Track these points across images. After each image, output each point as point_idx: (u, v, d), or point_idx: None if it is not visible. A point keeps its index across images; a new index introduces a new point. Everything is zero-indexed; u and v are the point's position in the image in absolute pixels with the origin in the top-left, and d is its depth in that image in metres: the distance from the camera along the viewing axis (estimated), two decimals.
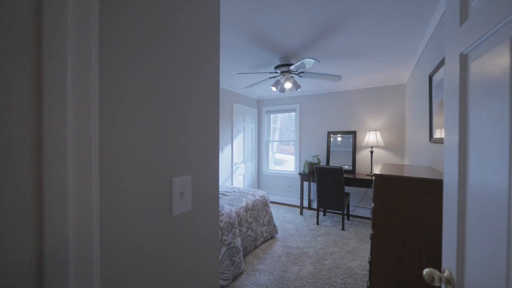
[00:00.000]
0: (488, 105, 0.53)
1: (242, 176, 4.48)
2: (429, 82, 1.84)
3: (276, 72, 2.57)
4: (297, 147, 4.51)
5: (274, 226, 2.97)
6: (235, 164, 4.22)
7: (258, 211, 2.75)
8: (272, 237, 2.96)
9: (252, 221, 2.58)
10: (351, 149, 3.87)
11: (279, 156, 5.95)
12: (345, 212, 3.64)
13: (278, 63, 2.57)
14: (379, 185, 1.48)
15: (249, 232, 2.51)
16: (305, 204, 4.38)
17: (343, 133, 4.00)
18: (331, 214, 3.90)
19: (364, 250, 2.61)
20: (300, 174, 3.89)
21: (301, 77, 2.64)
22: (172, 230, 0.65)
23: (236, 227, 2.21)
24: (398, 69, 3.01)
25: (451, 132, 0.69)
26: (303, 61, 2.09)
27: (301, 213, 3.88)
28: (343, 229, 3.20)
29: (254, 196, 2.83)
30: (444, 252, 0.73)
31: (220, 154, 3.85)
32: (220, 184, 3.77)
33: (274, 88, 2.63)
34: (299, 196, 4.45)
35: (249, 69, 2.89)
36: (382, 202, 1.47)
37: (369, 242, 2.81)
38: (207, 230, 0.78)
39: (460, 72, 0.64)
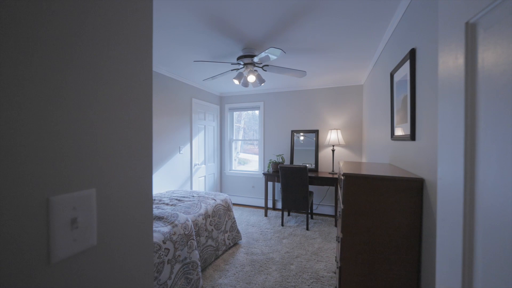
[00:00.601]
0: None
1: (203, 178, 4.13)
2: (390, 80, 1.85)
3: (238, 64, 2.35)
4: (261, 146, 4.37)
5: (238, 231, 2.75)
6: (195, 165, 3.86)
7: (220, 217, 2.49)
8: (235, 244, 2.73)
9: (212, 229, 2.31)
10: (314, 148, 3.90)
11: (243, 155, 5.77)
12: (309, 211, 3.63)
13: (241, 53, 2.35)
14: (349, 185, 1.38)
15: (209, 242, 2.24)
16: (270, 204, 4.27)
17: (306, 132, 4.01)
18: (295, 213, 3.86)
19: (328, 250, 2.58)
20: (264, 174, 3.75)
21: (265, 70, 2.47)
22: None
23: (193, 239, 1.92)
24: (357, 69, 3.09)
25: (451, 126, 0.56)
26: (268, 51, 1.92)
27: (266, 215, 3.75)
28: (307, 229, 3.15)
29: (215, 200, 2.55)
30: (440, 277, 0.60)
31: (178, 155, 3.46)
32: (177, 187, 3.38)
33: (236, 81, 2.40)
34: (263, 196, 4.33)
35: (209, 59, 2.60)
36: (352, 203, 1.37)
37: (333, 241, 2.80)
38: (131, 276, 0.50)
39: (466, 45, 0.51)
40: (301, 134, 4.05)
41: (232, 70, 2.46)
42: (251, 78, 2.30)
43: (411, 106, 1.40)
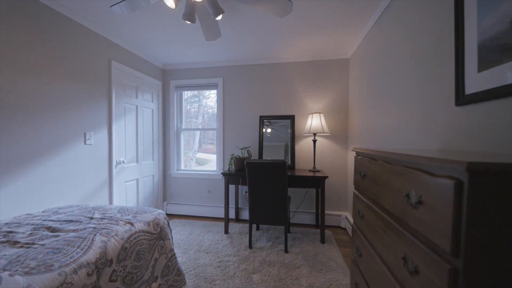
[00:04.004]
0: None
1: (133, 182, 2.83)
2: None
3: None
4: (220, 137, 3.29)
5: (178, 272, 1.62)
6: (118, 163, 2.55)
7: (140, 257, 1.33)
8: None
9: None
10: (290, 139, 3.01)
11: (201, 155, 4.65)
12: (288, 225, 2.70)
13: None
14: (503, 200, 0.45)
15: None
16: (232, 214, 3.23)
17: (279, 118, 3.09)
18: (266, 226, 2.90)
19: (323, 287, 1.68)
20: (224, 174, 2.68)
21: None
22: None
23: None
24: (349, 29, 2.29)
25: None
26: None
27: (227, 231, 2.69)
28: (286, 251, 2.21)
29: (132, 225, 1.38)
30: None
31: (82, 147, 2.12)
32: (80, 200, 2.08)
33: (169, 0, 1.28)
34: (223, 204, 3.25)
35: None
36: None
37: (325, 269, 1.92)
38: None
39: None
40: (273, 121, 3.12)
41: None
42: None
43: None
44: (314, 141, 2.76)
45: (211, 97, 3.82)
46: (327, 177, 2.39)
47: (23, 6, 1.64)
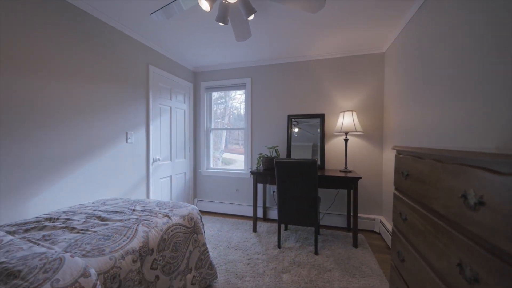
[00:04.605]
0: None
1: (167, 179, 3.00)
2: None
3: None
4: (248, 137, 3.33)
5: (210, 266, 1.68)
6: (154, 161, 2.73)
7: (177, 248, 1.41)
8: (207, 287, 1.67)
9: (158, 277, 1.23)
10: (319, 138, 2.93)
11: (227, 155, 4.76)
12: (318, 226, 2.63)
13: None
14: None
15: None
16: (260, 213, 3.24)
17: (308, 116, 3.03)
18: (294, 226, 2.86)
19: None
20: (252, 173, 2.71)
21: None
22: None
23: None
24: (382, 23, 2.16)
25: None
26: None
27: (255, 230, 2.71)
28: (316, 252, 2.16)
29: (169, 218, 1.47)
30: None
31: (124, 145, 2.32)
32: (123, 193, 2.26)
33: (205, 4, 1.33)
34: (251, 203, 3.29)
35: None
36: None
37: (358, 273, 1.83)
38: None
39: None
40: (301, 120, 3.07)
41: None
42: None
43: None
44: (346, 140, 2.65)
45: (236, 98, 3.89)
46: (360, 177, 2.27)
47: (68, 15, 1.85)
